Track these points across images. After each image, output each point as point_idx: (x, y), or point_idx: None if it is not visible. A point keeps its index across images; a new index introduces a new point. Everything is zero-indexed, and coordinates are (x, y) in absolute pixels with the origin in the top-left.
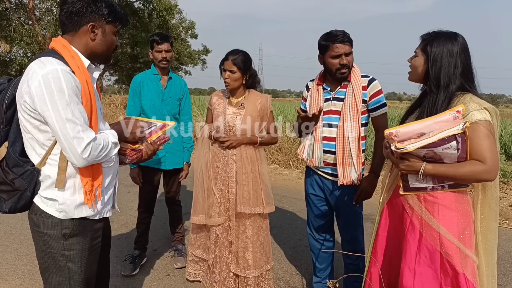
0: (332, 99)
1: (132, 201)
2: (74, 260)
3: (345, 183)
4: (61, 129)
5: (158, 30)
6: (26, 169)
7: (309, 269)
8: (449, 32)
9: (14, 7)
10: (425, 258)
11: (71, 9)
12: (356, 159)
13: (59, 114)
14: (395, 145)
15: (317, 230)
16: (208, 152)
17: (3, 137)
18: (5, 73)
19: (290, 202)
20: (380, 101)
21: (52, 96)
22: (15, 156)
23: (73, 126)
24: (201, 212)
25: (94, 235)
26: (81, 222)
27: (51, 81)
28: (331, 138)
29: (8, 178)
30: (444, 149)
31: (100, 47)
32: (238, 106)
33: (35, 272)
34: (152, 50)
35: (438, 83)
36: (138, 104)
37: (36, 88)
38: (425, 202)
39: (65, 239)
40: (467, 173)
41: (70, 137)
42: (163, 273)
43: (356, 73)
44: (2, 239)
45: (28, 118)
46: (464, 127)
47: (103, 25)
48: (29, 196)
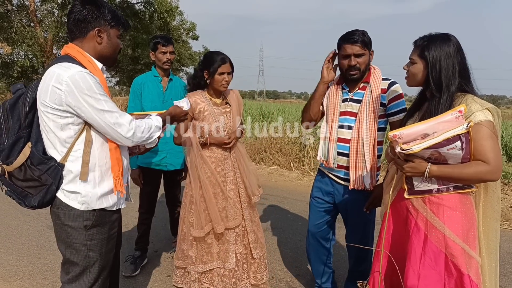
0: (349, 100)
1: (133, 202)
2: (95, 249)
3: (356, 187)
4: (102, 119)
5: (159, 32)
6: (51, 165)
7: (309, 270)
8: (442, 34)
9: (16, 9)
10: (429, 260)
11: (77, 17)
12: (369, 164)
13: (95, 107)
14: (400, 147)
15: (318, 233)
16: (203, 164)
17: (26, 137)
18: (7, 75)
19: (291, 203)
20: (400, 106)
21: (83, 92)
22: (39, 155)
23: (110, 114)
24: (214, 220)
25: (111, 225)
26: (101, 214)
27: (79, 81)
28: (345, 140)
29: (35, 175)
30: (449, 149)
31: (106, 49)
32: (223, 105)
33: (36, 273)
34: (155, 51)
35: (440, 86)
36: (139, 105)
37: (66, 88)
38: (430, 204)
39: (87, 230)
40: (472, 173)
41: (112, 123)
42: (164, 274)
43: (376, 75)
44: (3, 240)
45: (52, 117)
46: (468, 126)
47: (107, 29)
48: (55, 190)
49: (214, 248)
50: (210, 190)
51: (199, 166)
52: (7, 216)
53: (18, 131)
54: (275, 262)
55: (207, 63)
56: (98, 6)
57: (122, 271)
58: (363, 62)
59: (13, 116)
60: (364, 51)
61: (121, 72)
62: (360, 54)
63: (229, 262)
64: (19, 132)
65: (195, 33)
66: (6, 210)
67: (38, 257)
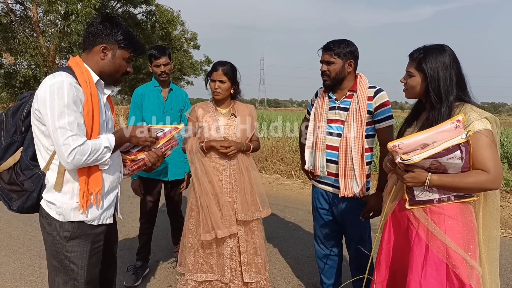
0: (337, 108)
1: (134, 211)
2: (76, 262)
3: (346, 195)
4: (53, 135)
5: (161, 42)
6: (34, 172)
7: (311, 280)
8: (437, 45)
9: (19, 20)
10: (431, 270)
11: (90, 30)
12: (358, 171)
13: (54, 121)
14: (400, 157)
15: (324, 244)
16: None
17: (20, 143)
18: (10, 84)
19: (292, 212)
20: (386, 113)
21: (52, 103)
22: (26, 160)
23: (63, 133)
24: (217, 227)
25: (95, 238)
26: (81, 226)
27: (55, 90)
28: (334, 147)
29: (18, 180)
30: (449, 159)
31: (107, 67)
32: (229, 117)
33: (38, 283)
34: (151, 64)
35: (439, 97)
36: (140, 116)
37: (41, 95)
38: (431, 214)
39: (67, 241)
40: (473, 182)
41: (60, 143)
42: (166, 284)
43: (362, 83)
44: (5, 250)
45: (37, 124)
46: (468, 136)
47: (114, 49)
48: (35, 198)
49: (212, 258)
50: (211, 196)
51: (200, 172)
52: (9, 226)
53: (13, 135)
54: (276, 272)
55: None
56: (113, 25)
57: (124, 281)
58: (332, 70)
59: (13, 121)
60: (335, 60)
61: (123, 81)
62: (330, 62)
63: (225, 276)
64: (14, 136)
65: (197, 43)
66: (8, 220)
67: (40, 267)
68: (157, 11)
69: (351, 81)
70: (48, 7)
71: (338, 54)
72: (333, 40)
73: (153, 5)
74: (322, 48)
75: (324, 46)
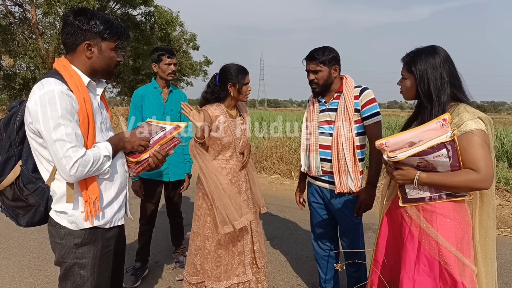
0: (326, 110)
1: (134, 213)
2: (87, 268)
3: (341, 191)
4: (52, 148)
5: (160, 43)
6: (38, 185)
7: (310, 280)
8: (428, 47)
9: (18, 22)
10: (424, 267)
11: (67, 30)
12: (352, 168)
13: (50, 134)
14: (387, 154)
15: (321, 239)
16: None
17: (17, 156)
18: (9, 86)
19: (292, 212)
20: (372, 110)
21: (45, 115)
22: (28, 174)
23: (62, 145)
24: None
25: (105, 243)
26: (92, 231)
27: (46, 102)
28: (327, 147)
29: (22, 195)
30: (435, 157)
31: (98, 64)
32: (237, 117)
33: (37, 285)
34: (158, 63)
35: (430, 97)
36: (139, 117)
37: (32, 108)
38: (423, 212)
39: (77, 248)
40: (462, 181)
41: (60, 155)
42: (165, 285)
43: (348, 84)
44: (4, 253)
45: (33, 136)
46: (452, 134)
47: (98, 43)
48: (43, 211)
49: (232, 260)
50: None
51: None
52: (8, 228)
53: (9, 149)
54: (275, 272)
55: (229, 76)
56: (88, 18)
57: (123, 282)
58: (320, 78)
59: (6, 134)
60: (321, 68)
61: (122, 82)
62: (317, 71)
63: (247, 273)
64: (9, 150)
65: (196, 43)
66: (7, 221)
67: (39, 269)
68: (156, 12)
69: (337, 83)
70: (47, 9)
71: (323, 62)
72: (314, 49)
73: (152, 6)
74: (306, 58)
75: (308, 56)
